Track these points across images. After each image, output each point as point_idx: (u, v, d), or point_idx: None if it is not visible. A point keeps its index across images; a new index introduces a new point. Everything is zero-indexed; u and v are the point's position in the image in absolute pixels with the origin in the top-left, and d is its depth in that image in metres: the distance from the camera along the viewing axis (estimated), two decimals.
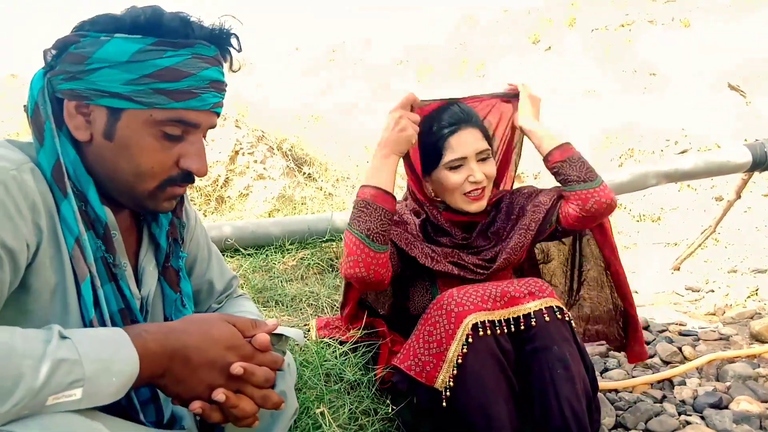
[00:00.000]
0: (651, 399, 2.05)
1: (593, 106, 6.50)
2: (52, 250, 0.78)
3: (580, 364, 1.24)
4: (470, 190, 1.46)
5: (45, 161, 0.79)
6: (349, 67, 8.83)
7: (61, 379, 0.61)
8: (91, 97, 0.80)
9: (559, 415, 1.17)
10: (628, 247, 4.86)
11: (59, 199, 0.79)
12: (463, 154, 1.44)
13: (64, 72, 0.81)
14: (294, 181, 3.29)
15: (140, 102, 0.81)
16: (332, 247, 2.53)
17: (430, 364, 1.23)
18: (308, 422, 1.32)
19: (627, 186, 2.70)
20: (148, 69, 0.80)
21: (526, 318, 1.23)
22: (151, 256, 0.98)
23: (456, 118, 1.46)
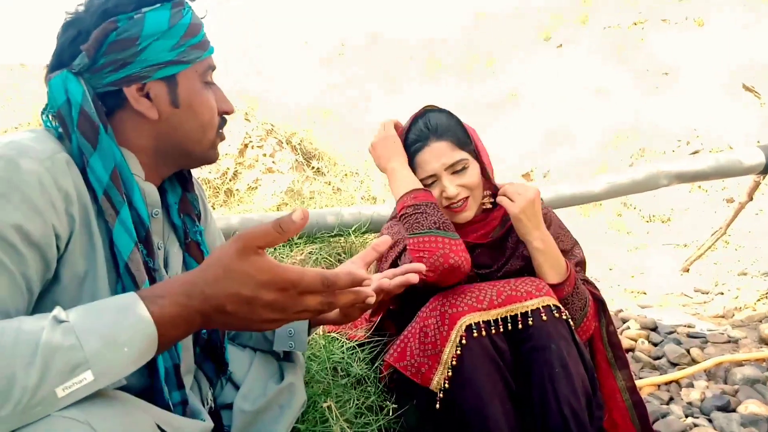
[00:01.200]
0: (658, 400, 2.04)
1: (604, 104, 6.46)
2: (84, 239, 0.78)
3: (578, 362, 1.23)
4: (446, 205, 1.40)
5: (101, 166, 0.79)
6: (358, 62, 8.82)
7: (60, 369, 0.58)
8: (148, 75, 0.84)
9: (558, 414, 1.17)
10: (637, 247, 4.83)
11: (118, 204, 0.80)
12: (431, 171, 1.38)
13: (113, 62, 0.81)
14: (303, 176, 3.29)
15: (186, 61, 0.87)
16: (340, 241, 2.53)
17: (426, 365, 1.23)
18: (315, 416, 1.32)
19: (638, 186, 2.68)
20: (182, 30, 0.86)
21: (524, 317, 1.22)
22: (174, 237, 0.99)
23: (420, 135, 1.39)
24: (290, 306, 0.69)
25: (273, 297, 0.68)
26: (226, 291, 0.67)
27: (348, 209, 2.57)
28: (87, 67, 0.81)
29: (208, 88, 0.93)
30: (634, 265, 4.45)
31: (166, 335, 0.66)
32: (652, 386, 2.17)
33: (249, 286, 0.67)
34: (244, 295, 0.67)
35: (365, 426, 1.37)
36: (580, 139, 6.03)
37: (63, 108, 0.79)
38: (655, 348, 2.59)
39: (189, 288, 0.68)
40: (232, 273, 0.67)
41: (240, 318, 0.69)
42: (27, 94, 4.11)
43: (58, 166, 0.74)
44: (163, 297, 0.67)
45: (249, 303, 0.68)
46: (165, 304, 0.66)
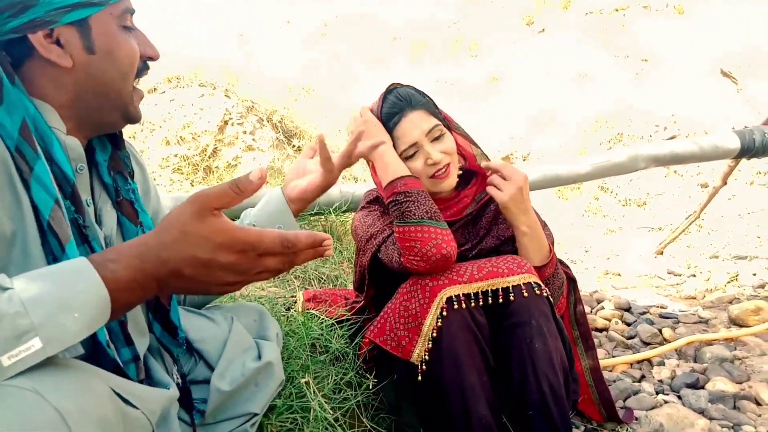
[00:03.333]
0: (630, 378, 2.09)
1: (585, 89, 6.50)
2: (7, 199, 0.74)
3: (557, 339, 1.25)
4: (433, 172, 1.39)
5: (8, 120, 0.74)
6: (341, 41, 8.71)
7: (5, 336, 0.56)
8: (54, 19, 0.77)
9: (536, 389, 1.19)
10: (613, 230, 4.90)
11: (32, 160, 0.75)
12: (413, 140, 1.37)
13: (10, 6, 0.75)
14: (283, 154, 3.26)
15: (98, 3, 0.81)
16: (320, 220, 2.53)
17: (406, 338, 1.24)
18: (293, 391, 1.32)
19: (617, 168, 2.71)
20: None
21: (505, 291, 1.23)
22: (105, 195, 0.94)
23: (395, 106, 1.39)
24: (249, 268, 0.68)
25: (231, 259, 0.66)
26: (182, 254, 0.65)
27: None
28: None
29: (128, 32, 0.87)
30: (610, 248, 4.53)
31: (120, 300, 0.64)
32: (624, 364, 2.22)
33: (206, 248, 0.65)
34: (202, 258, 0.65)
35: (343, 402, 1.38)
36: (561, 123, 6.07)
37: None
38: (628, 328, 2.64)
39: (143, 251, 0.65)
40: (188, 236, 0.65)
41: (198, 282, 0.67)
42: None
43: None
44: (115, 261, 0.64)
45: (206, 266, 0.66)
46: (117, 269, 0.63)
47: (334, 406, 1.34)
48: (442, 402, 1.20)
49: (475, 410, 1.17)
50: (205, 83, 3.32)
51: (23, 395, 0.56)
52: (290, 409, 1.28)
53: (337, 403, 1.36)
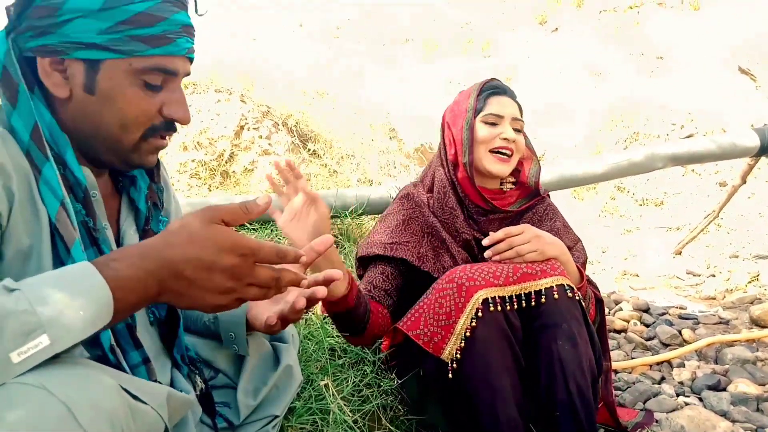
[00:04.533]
0: (650, 380, 2.08)
1: (600, 88, 6.45)
2: (26, 214, 0.76)
3: (587, 343, 1.25)
4: (499, 146, 1.46)
5: (21, 125, 0.77)
6: (353, 41, 8.74)
7: (14, 332, 0.57)
8: (66, 51, 0.78)
9: (564, 391, 1.19)
10: (630, 230, 4.86)
11: (40, 163, 0.77)
12: (501, 113, 1.48)
13: (32, 27, 0.77)
14: (299, 158, 3.28)
15: (118, 51, 0.79)
16: (336, 223, 2.54)
17: (438, 335, 1.24)
18: (312, 393, 1.34)
19: (634, 168, 2.69)
20: (122, 15, 0.78)
21: (537, 294, 1.24)
22: (132, 220, 0.96)
23: (501, 87, 1.53)
24: (245, 275, 0.71)
25: (232, 262, 0.69)
26: (186, 255, 0.67)
27: (344, 191, 2.57)
28: (12, 26, 0.78)
29: (150, 88, 0.84)
30: (627, 248, 4.49)
31: (123, 299, 0.65)
32: (644, 366, 2.21)
33: (210, 250, 0.68)
34: (205, 260, 0.68)
35: (362, 404, 1.39)
36: (575, 122, 6.03)
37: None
38: (647, 329, 2.62)
39: (146, 250, 0.67)
40: (195, 237, 0.68)
41: (196, 286, 0.69)
42: None
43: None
44: (118, 260, 0.66)
45: (208, 269, 0.68)
46: (120, 267, 0.65)
47: (353, 408, 1.35)
48: (470, 401, 1.21)
49: (504, 412, 1.17)
50: (221, 89, 3.35)
51: (31, 392, 0.58)
52: (310, 411, 1.29)
53: (356, 405, 1.37)
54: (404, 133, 4.82)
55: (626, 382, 2.03)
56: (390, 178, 3.74)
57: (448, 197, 1.52)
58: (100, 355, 0.78)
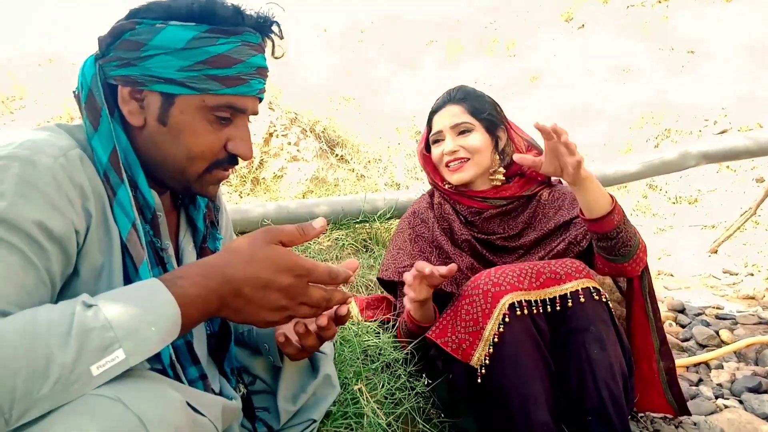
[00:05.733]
0: (687, 382, 2.04)
1: (629, 85, 6.34)
2: (100, 233, 0.80)
3: (616, 345, 1.24)
4: (446, 161, 1.54)
5: (100, 147, 0.81)
6: (377, 45, 8.78)
7: (94, 347, 0.61)
8: (145, 83, 0.83)
9: (596, 395, 1.18)
10: (663, 229, 4.77)
11: (116, 185, 0.81)
12: (439, 128, 1.55)
13: (119, 58, 0.82)
14: (327, 163, 3.32)
15: (194, 88, 0.84)
16: (365, 227, 2.56)
17: (466, 341, 1.25)
18: (347, 397, 1.35)
19: (666, 167, 2.65)
20: (201, 56, 0.83)
21: (563, 299, 1.24)
22: (189, 237, 1.01)
23: (441, 100, 1.58)
24: (299, 294, 0.75)
25: (288, 282, 0.74)
26: (246, 274, 0.72)
27: (372, 196, 2.59)
28: (101, 55, 0.84)
29: (219, 123, 0.88)
30: (661, 247, 4.40)
31: (189, 315, 0.69)
32: (680, 368, 2.16)
33: (269, 270, 0.72)
34: (263, 278, 0.72)
35: (396, 406, 1.40)
36: (605, 121, 5.94)
37: (78, 88, 0.84)
38: (683, 330, 2.57)
39: (209, 269, 0.72)
40: (255, 257, 0.73)
41: (253, 304, 0.73)
42: (58, 88, 4.20)
43: (72, 163, 0.76)
44: (183, 278, 0.70)
45: (266, 287, 0.73)
46: (185, 285, 0.70)
47: (386, 412, 1.37)
48: (502, 407, 1.21)
49: (536, 416, 1.17)
50: None
51: (108, 404, 0.61)
52: (345, 415, 1.31)
53: (390, 409, 1.38)
54: None
55: None
56: (417, 181, 3.75)
57: (443, 206, 1.62)
58: (160, 369, 0.82)
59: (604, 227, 1.32)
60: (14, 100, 4.19)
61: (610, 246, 1.35)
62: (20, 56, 5.47)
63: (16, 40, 5.75)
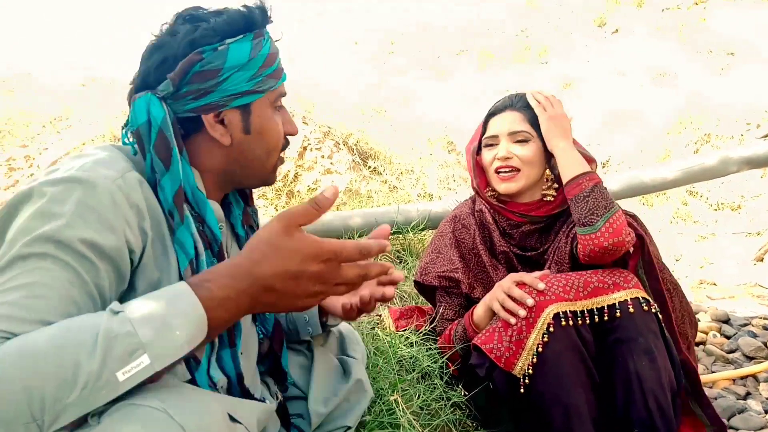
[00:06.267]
0: (733, 395, 1.98)
1: (665, 89, 6.21)
2: (158, 251, 0.84)
3: (665, 357, 1.22)
4: (497, 167, 1.50)
5: (169, 186, 0.85)
6: (409, 58, 8.83)
7: (119, 354, 0.62)
8: (225, 104, 0.89)
9: (643, 407, 1.16)
10: (705, 237, 4.63)
11: (176, 224, 0.85)
12: (495, 132, 1.51)
13: (194, 91, 0.86)
14: (360, 175, 3.35)
15: (261, 91, 0.92)
16: (398, 239, 2.57)
17: (510, 350, 1.24)
18: (382, 408, 1.36)
19: (705, 174, 2.58)
20: (260, 60, 0.90)
21: (611, 309, 1.22)
22: (235, 246, 1.05)
23: (501, 104, 1.55)
24: (332, 277, 0.73)
25: (318, 268, 0.71)
26: (274, 269, 0.70)
27: (405, 207, 2.60)
28: (171, 93, 0.86)
29: (277, 113, 0.97)
30: (703, 255, 4.28)
31: (216, 317, 0.69)
32: (726, 380, 2.10)
33: (296, 260, 0.70)
34: (292, 271, 0.70)
35: (432, 417, 1.40)
36: (641, 126, 5.82)
37: (142, 127, 0.84)
38: (728, 341, 2.49)
39: (234, 270, 0.71)
40: (279, 250, 0.70)
41: (287, 295, 0.72)
42: (101, 107, 4.37)
43: (130, 184, 0.80)
44: (210, 281, 0.70)
45: (296, 278, 0.71)
46: (212, 287, 0.69)
47: (422, 423, 1.37)
48: (543, 418, 1.20)
49: (578, 428, 1.16)
50: None
51: (155, 415, 0.64)
52: (381, 425, 1.32)
53: (426, 420, 1.38)
54: (462, 145, 4.81)
55: (708, 398, 1.94)
56: (450, 191, 3.75)
57: (484, 214, 1.59)
58: None
59: (576, 189, 1.37)
60: (60, 120, 4.37)
61: (581, 212, 1.35)
62: (64, 76, 5.71)
63: (58, 59, 6.00)
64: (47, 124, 4.32)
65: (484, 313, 1.40)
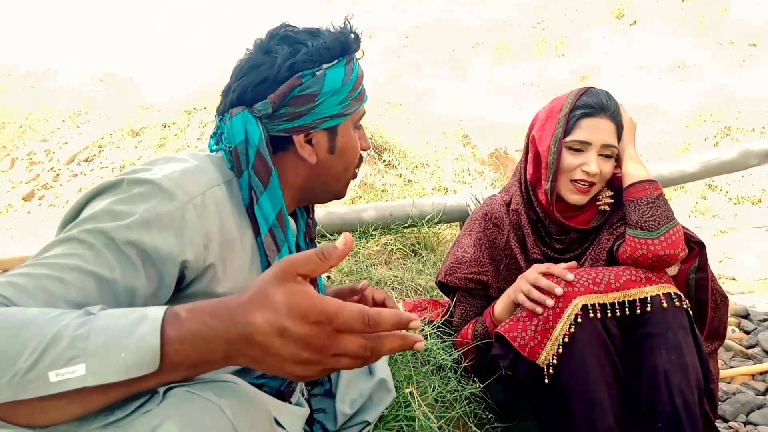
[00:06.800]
0: (753, 391, 1.95)
1: (685, 81, 6.12)
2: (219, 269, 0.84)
3: (694, 354, 1.20)
4: (579, 179, 1.38)
5: (269, 205, 0.88)
6: (423, 50, 8.80)
7: (58, 354, 0.58)
8: (316, 126, 0.92)
9: (668, 403, 1.14)
10: (724, 231, 4.57)
11: (280, 242, 0.89)
12: (589, 140, 1.37)
13: (291, 113, 0.90)
14: (375, 169, 3.36)
15: (348, 113, 0.96)
16: (413, 232, 2.57)
17: (535, 339, 1.23)
18: (399, 400, 1.37)
19: (724, 167, 2.54)
20: (350, 85, 0.94)
21: (642, 302, 1.21)
22: None
23: (599, 104, 1.39)
24: (326, 346, 0.61)
25: (306, 330, 0.59)
26: (255, 318, 0.60)
27: (420, 200, 2.60)
28: (268, 114, 0.89)
29: (356, 132, 1.01)
30: (722, 250, 4.22)
31: (179, 351, 0.60)
32: (745, 376, 2.07)
33: (281, 313, 0.59)
34: (275, 325, 0.59)
35: (447, 410, 1.41)
36: (660, 119, 5.75)
37: (240, 146, 0.88)
38: (747, 336, 2.46)
39: (218, 307, 0.62)
40: (265, 298, 0.60)
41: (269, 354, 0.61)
42: (118, 101, 4.42)
43: (207, 205, 0.81)
44: (191, 311, 0.62)
45: (280, 335, 0.60)
46: (186, 318, 0.61)
47: (437, 415, 1.38)
48: (566, 410, 1.19)
49: (602, 422, 1.15)
50: None
51: (211, 407, 0.64)
52: (396, 418, 1.33)
53: (441, 412, 1.39)
54: (477, 139, 4.79)
55: (725, 393, 1.92)
56: (465, 185, 3.74)
57: (521, 215, 1.50)
58: None
59: (639, 193, 1.34)
60: (79, 115, 4.44)
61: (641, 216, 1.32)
62: (83, 72, 5.78)
63: (77, 55, 6.07)
64: (67, 119, 4.40)
65: (506, 306, 1.37)
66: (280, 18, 1.04)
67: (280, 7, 8.80)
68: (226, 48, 7.30)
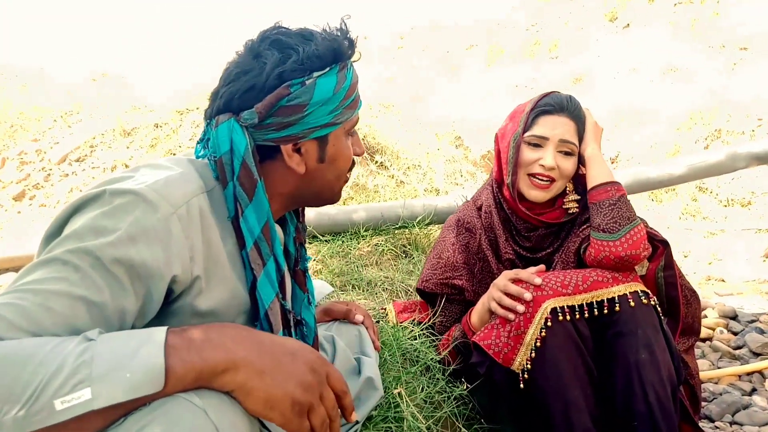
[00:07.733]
0: (739, 391, 1.97)
1: (676, 84, 6.16)
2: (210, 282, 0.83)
3: (665, 350, 1.22)
4: (536, 173, 1.42)
5: (254, 218, 0.85)
6: (417, 52, 8.81)
7: (64, 383, 0.59)
8: (305, 135, 0.89)
9: (643, 401, 1.16)
10: (714, 233, 4.60)
11: (266, 256, 0.87)
12: (546, 135, 1.41)
13: (278, 123, 0.86)
14: (367, 170, 3.36)
15: (339, 122, 0.93)
16: (404, 233, 2.58)
17: (508, 346, 1.25)
18: (387, 401, 1.38)
19: (713, 169, 2.57)
20: (342, 93, 0.91)
21: (610, 302, 1.22)
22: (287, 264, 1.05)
23: (558, 104, 1.44)
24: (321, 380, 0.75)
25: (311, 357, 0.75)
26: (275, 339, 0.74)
27: (411, 202, 2.61)
28: (254, 124, 0.86)
29: (348, 139, 0.98)
30: (712, 252, 4.25)
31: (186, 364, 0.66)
32: (732, 376, 2.09)
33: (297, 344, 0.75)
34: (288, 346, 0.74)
35: (435, 410, 1.42)
36: (651, 121, 5.78)
37: (225, 156, 0.85)
38: (735, 337, 2.48)
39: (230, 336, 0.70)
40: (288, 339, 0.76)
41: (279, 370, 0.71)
42: (110, 102, 4.40)
43: (191, 214, 0.79)
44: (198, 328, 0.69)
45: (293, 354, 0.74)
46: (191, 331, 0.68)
47: (426, 415, 1.38)
48: (543, 413, 1.20)
49: (578, 422, 1.16)
50: None
51: (194, 410, 0.65)
52: (385, 419, 1.33)
53: (429, 412, 1.40)
54: (470, 140, 4.81)
55: (712, 393, 1.94)
56: (456, 186, 3.75)
57: (492, 216, 1.53)
58: None
59: (601, 195, 1.36)
60: (71, 115, 4.42)
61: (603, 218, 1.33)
62: (75, 71, 5.75)
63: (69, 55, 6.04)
64: (58, 119, 4.38)
65: (481, 314, 1.39)
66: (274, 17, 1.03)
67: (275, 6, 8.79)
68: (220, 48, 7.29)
